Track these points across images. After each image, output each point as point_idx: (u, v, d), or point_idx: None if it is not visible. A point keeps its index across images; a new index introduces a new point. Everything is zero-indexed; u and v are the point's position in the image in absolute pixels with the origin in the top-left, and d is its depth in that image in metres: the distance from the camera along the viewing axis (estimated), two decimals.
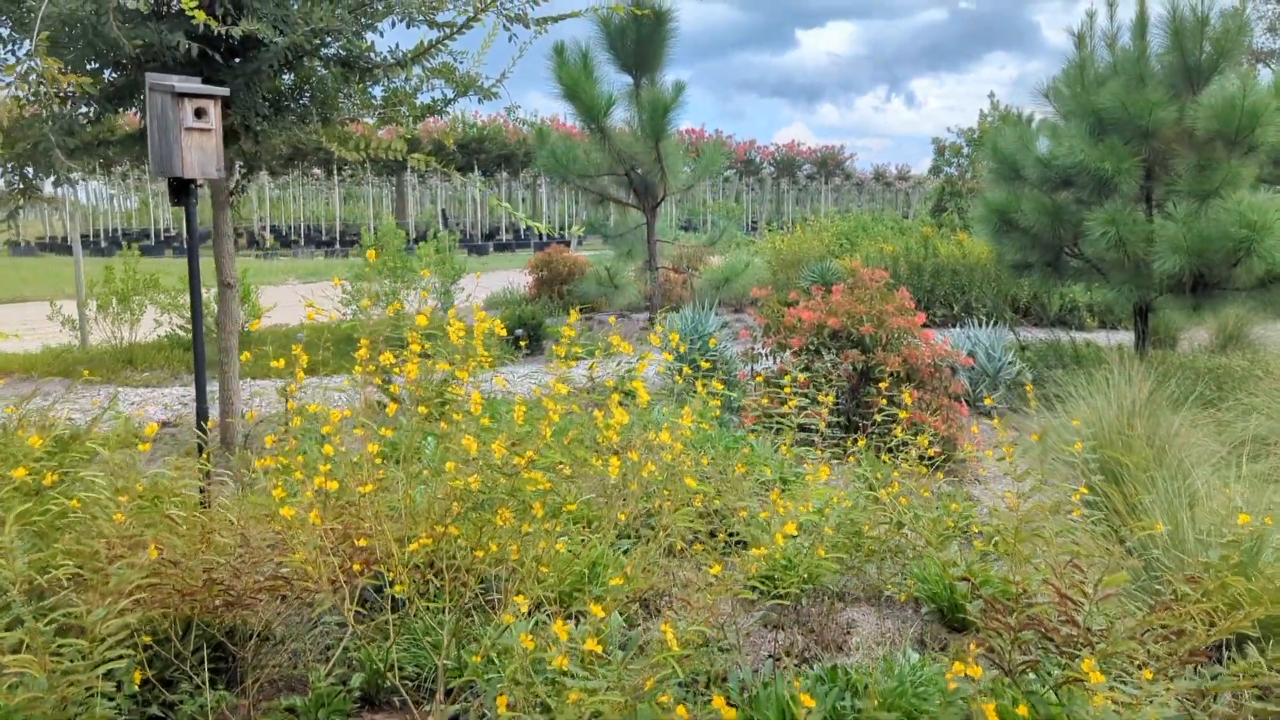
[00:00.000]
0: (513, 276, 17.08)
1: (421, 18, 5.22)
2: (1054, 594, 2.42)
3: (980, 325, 7.96)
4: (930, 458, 4.47)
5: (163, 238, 30.90)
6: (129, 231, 33.20)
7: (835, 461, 4.94)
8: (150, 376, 8.22)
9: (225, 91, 3.15)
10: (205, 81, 3.60)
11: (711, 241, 11.87)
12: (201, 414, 3.76)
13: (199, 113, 3.14)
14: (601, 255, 17.69)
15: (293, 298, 15.51)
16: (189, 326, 9.31)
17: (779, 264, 14.05)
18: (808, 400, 5.80)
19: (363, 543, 2.77)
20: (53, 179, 4.74)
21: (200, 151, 3.10)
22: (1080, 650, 2.36)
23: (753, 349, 6.48)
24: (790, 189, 44.47)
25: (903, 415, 5.65)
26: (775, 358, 6.32)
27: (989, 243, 8.38)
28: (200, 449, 3.60)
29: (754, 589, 2.91)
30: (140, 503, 2.85)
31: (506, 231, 33.63)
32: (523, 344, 9.95)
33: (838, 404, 5.87)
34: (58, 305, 8.80)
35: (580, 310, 12.20)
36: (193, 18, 4.74)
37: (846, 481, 4.18)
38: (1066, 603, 2.43)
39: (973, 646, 2.46)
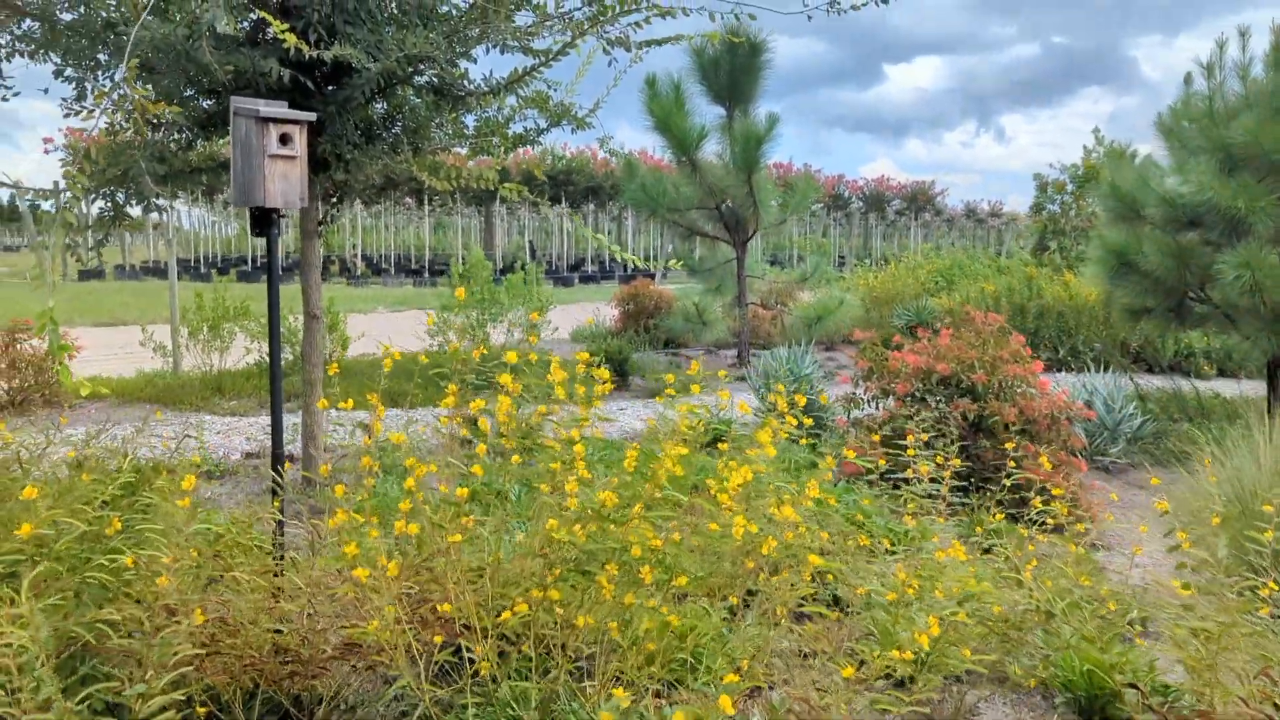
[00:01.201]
0: (598, 308, 16.93)
1: (516, 44, 5.04)
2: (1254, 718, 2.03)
3: (1087, 370, 7.44)
4: (1058, 526, 4.07)
5: (259, 263, 31.66)
6: (227, 257, 34.16)
7: (952, 518, 4.55)
8: (238, 405, 8.18)
9: (312, 117, 2.97)
10: (296, 109, 3.46)
11: (804, 278, 11.52)
12: (277, 459, 3.57)
13: (284, 139, 2.96)
14: (687, 289, 17.44)
15: (381, 326, 15.59)
16: None
17: (871, 302, 13.61)
18: (916, 452, 5.41)
19: (445, 609, 2.49)
20: (142, 205, 4.67)
21: (284, 180, 2.92)
22: None
23: (853, 394, 6.12)
24: (878, 224, 43.77)
25: (1033, 477, 5.23)
26: (878, 404, 5.94)
27: (1104, 285, 7.88)
28: (275, 494, 3.40)
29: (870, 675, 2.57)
30: (199, 560, 2.63)
31: (592, 263, 33.67)
32: (608, 379, 9.71)
33: (946, 457, 5.47)
34: (149, 331, 8.86)
35: (666, 345, 11.92)
36: (285, 44, 4.64)
37: (968, 548, 3.79)
38: None
39: None
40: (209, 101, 5.14)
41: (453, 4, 5.19)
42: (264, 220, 3.02)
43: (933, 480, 4.50)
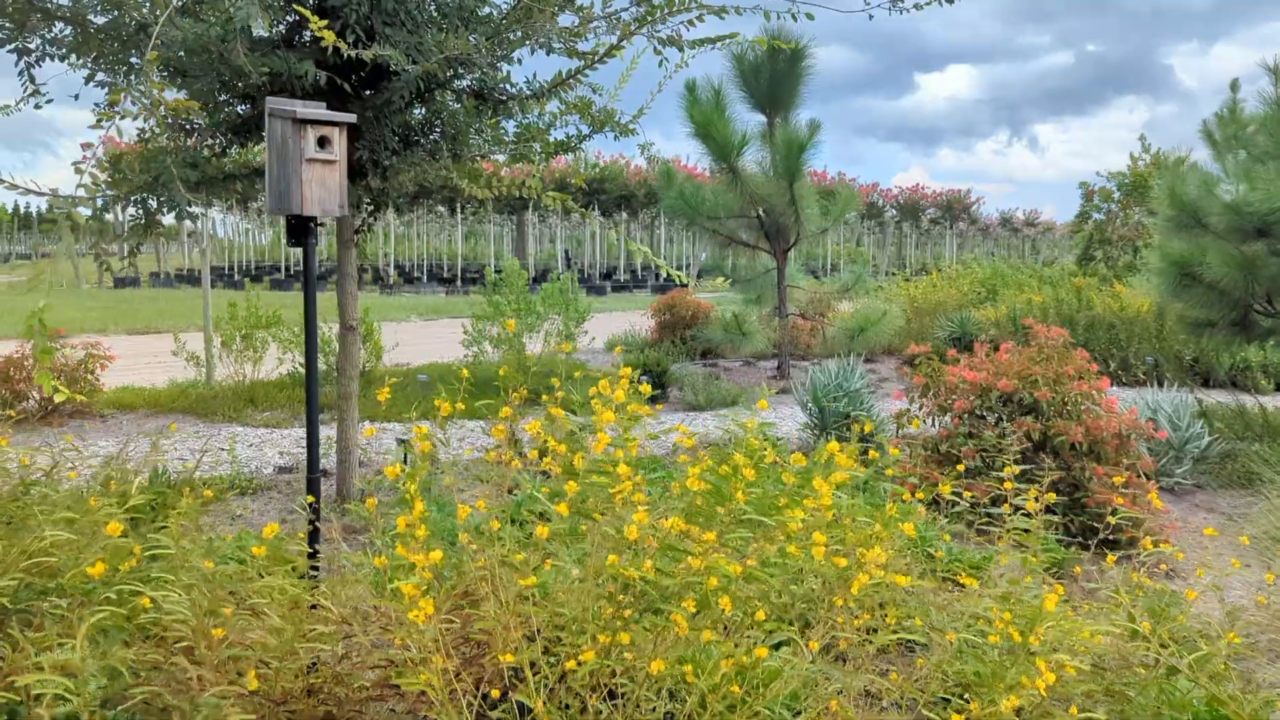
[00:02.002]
0: (632, 318, 16.73)
1: (560, 45, 4.85)
2: None
3: (1139, 384, 7.10)
4: (1140, 558, 3.79)
5: (292, 272, 31.79)
6: (262, 265, 34.36)
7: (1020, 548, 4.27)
8: (270, 417, 8.04)
9: (352, 118, 2.79)
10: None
11: (846, 288, 11.25)
12: (313, 483, 3.38)
13: (322, 141, 2.77)
14: (721, 298, 17.20)
15: (415, 335, 15.49)
16: None
17: (913, 313, 13.31)
18: (979, 469, 5.14)
19: (507, 659, 2.26)
20: (174, 212, 4.52)
21: (321, 186, 2.73)
22: None
23: (908, 411, 5.86)
24: (912, 233, 43.31)
25: (1106, 501, 4.95)
26: (934, 421, 5.68)
27: (1164, 297, 7.56)
28: (311, 523, 3.21)
29: None
30: (225, 597, 2.43)
31: (624, 271, 33.51)
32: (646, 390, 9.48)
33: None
34: (182, 340, 8.75)
35: (703, 356, 11.65)
36: (322, 44, 4.47)
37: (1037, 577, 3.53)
38: None
39: None
40: (243, 106, 5.00)
41: (494, 4, 5.02)
42: (301, 229, 2.83)
43: (1019, 512, 4.26)
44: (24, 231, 59.46)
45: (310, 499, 3.28)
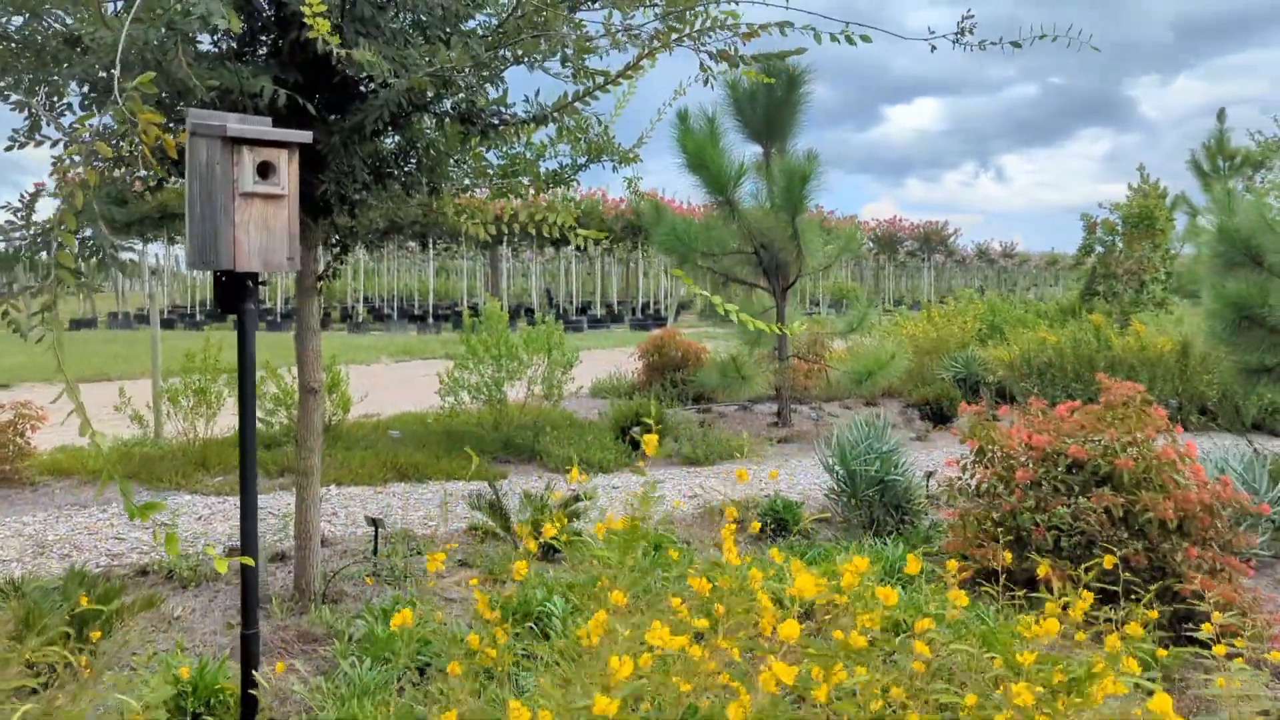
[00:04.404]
0: (614, 357, 15.95)
1: (571, 60, 4.09)
2: None
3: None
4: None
5: (265, 305, 30.75)
6: None
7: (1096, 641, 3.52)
8: (223, 482, 7.16)
9: (306, 137, 2.01)
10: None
11: (850, 327, 10.53)
12: (250, 627, 2.54)
13: (264, 169, 1.98)
14: (699, 334, 16.45)
15: (385, 379, 14.59)
16: (269, 420, 8.28)
17: (914, 352, 12.62)
18: (1046, 548, 4.35)
19: None
20: (95, 259, 3.69)
21: (263, 230, 1.95)
22: None
23: (960, 480, 5.10)
24: (888, 265, 42.91)
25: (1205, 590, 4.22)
26: (991, 493, 4.91)
27: (1218, 340, 6.89)
28: (245, 659, 2.39)
29: None
30: None
31: (600, 306, 32.77)
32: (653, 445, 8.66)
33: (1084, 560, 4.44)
34: (128, 395, 7.85)
35: (695, 400, 10.80)
36: (279, 57, 3.69)
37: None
38: None
39: None
40: (183, 128, 4.19)
41: (488, 12, 4.25)
42: (234, 290, 2.03)
43: (1105, 606, 3.51)
44: None
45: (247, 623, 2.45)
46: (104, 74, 3.83)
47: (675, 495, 7.30)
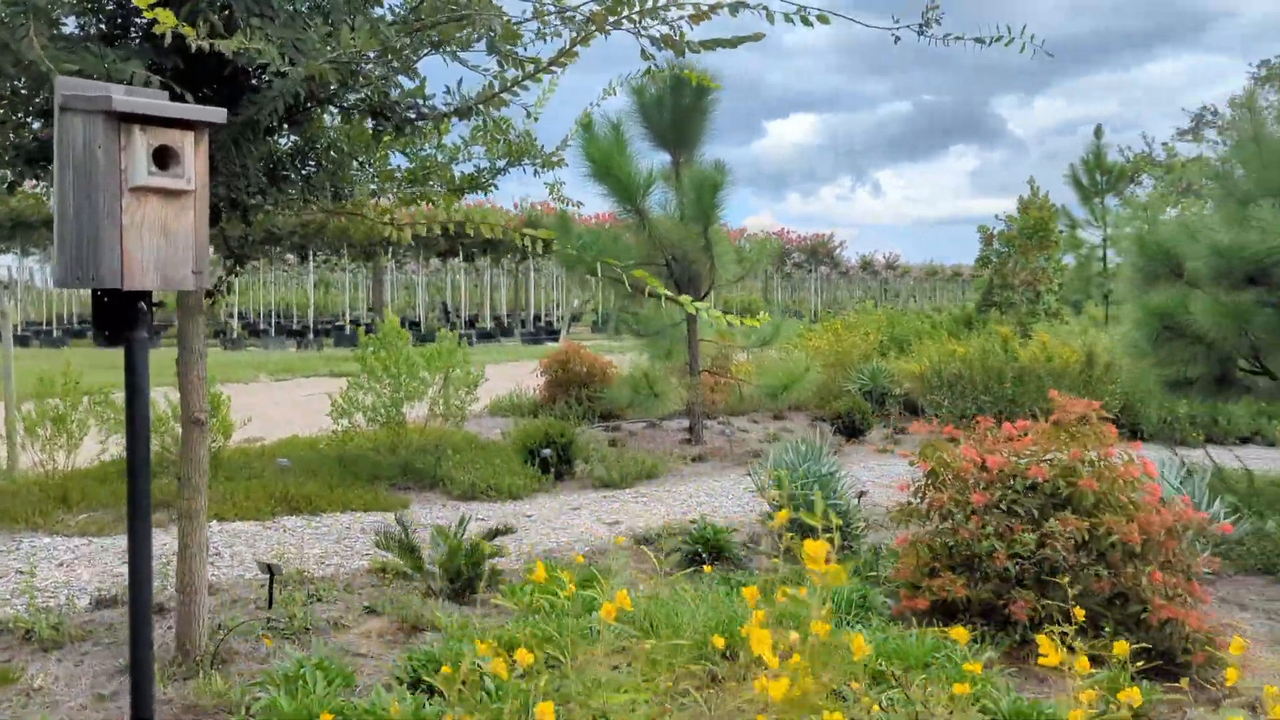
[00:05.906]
0: (509, 371, 15.38)
1: (497, 51, 3.62)
2: None
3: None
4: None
5: None
6: (87, 319, 31.18)
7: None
8: (88, 521, 6.38)
9: (219, 115, 1.54)
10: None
11: (764, 340, 10.28)
12: (141, 706, 2.01)
13: (163, 157, 1.49)
14: (602, 348, 16.05)
15: (266, 399, 13.69)
16: None
17: (822, 365, 12.50)
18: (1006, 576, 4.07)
19: None
20: None
21: (162, 236, 1.45)
22: None
23: (911, 505, 4.82)
24: (776, 276, 43.37)
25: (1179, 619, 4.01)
26: (947, 518, 4.63)
27: (1141, 351, 6.85)
28: None
29: None
30: None
31: (489, 319, 32.06)
32: (552, 465, 8.21)
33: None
34: None
35: (602, 418, 10.36)
36: (156, 41, 3.12)
37: None
38: None
39: None
40: (39, 123, 3.56)
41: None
42: (120, 314, 1.52)
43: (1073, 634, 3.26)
44: None
45: None
46: None
47: (593, 523, 6.87)
